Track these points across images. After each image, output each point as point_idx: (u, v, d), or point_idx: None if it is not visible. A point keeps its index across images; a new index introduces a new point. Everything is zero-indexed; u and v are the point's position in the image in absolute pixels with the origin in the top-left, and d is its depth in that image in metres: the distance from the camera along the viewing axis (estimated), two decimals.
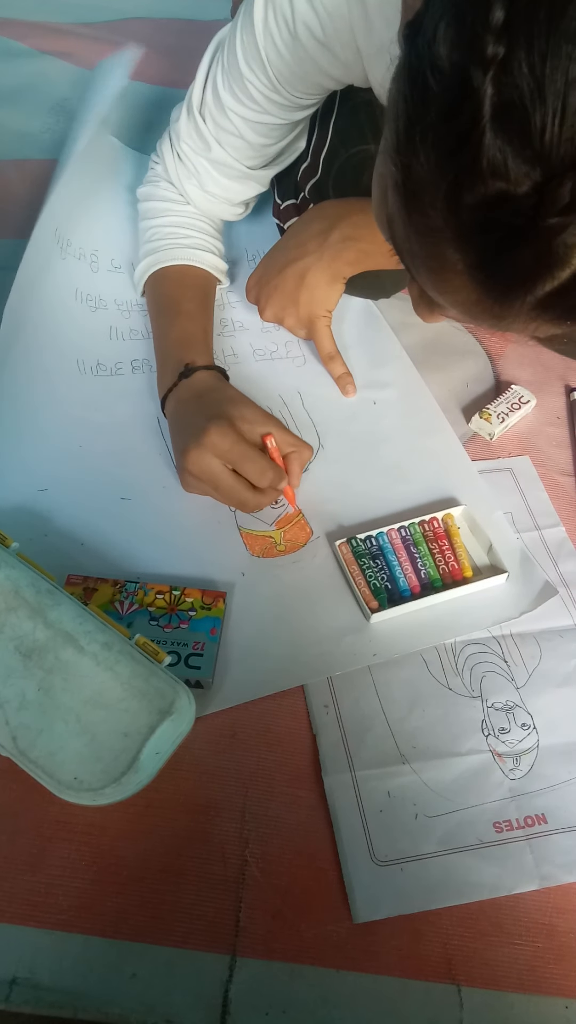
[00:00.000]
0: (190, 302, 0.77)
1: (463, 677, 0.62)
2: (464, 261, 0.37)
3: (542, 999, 0.49)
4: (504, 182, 0.33)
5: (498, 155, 0.32)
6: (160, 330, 0.77)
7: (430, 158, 0.35)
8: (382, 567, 0.67)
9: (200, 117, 0.70)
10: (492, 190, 0.33)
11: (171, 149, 0.76)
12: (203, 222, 0.80)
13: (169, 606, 0.62)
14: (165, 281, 0.78)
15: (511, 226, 0.33)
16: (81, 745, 0.51)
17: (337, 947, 0.50)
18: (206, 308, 0.79)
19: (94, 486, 0.71)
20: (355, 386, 0.80)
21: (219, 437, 0.63)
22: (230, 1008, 0.48)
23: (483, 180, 0.33)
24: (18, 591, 0.55)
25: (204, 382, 0.70)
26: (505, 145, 0.32)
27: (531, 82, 0.31)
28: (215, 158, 0.72)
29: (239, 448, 0.64)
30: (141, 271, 0.80)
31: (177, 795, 0.55)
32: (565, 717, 0.60)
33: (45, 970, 0.49)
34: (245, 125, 0.68)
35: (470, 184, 0.33)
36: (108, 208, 0.92)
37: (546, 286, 0.35)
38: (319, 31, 0.58)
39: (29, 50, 1.21)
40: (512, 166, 0.32)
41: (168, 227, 0.79)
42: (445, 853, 0.54)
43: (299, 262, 0.74)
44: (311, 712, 0.60)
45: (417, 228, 0.38)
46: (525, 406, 0.79)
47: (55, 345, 0.81)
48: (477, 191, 0.33)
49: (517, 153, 0.32)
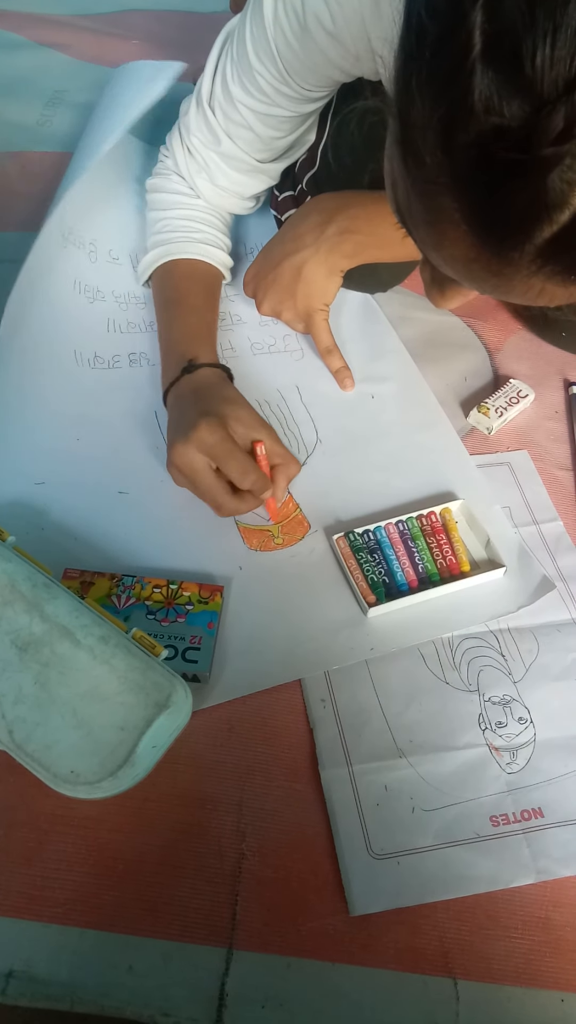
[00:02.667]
0: (197, 297, 0.77)
1: (460, 671, 0.62)
2: (460, 209, 0.35)
3: (538, 992, 0.50)
4: (496, 116, 0.31)
5: (490, 87, 0.31)
6: (166, 323, 0.77)
7: (424, 99, 0.34)
8: (380, 561, 0.66)
9: (209, 110, 0.70)
10: (485, 125, 0.32)
11: (181, 143, 0.75)
12: (214, 216, 0.80)
13: (166, 600, 0.62)
14: (173, 274, 0.78)
15: (505, 164, 0.32)
16: (77, 738, 0.51)
17: (334, 940, 0.50)
18: (212, 304, 0.79)
19: (91, 480, 0.71)
20: (353, 380, 0.79)
21: (207, 433, 0.63)
22: (226, 1001, 0.48)
23: (475, 115, 0.32)
24: (14, 585, 0.55)
25: (206, 379, 0.70)
26: (497, 75, 0.31)
27: (522, 5, 0.30)
28: (225, 151, 0.72)
29: (225, 446, 0.63)
30: (148, 261, 0.80)
31: (174, 789, 0.55)
32: (562, 711, 0.60)
33: (42, 963, 0.49)
34: (254, 117, 0.68)
35: (463, 120, 0.32)
36: (108, 197, 0.91)
37: (544, 231, 0.33)
38: (329, 23, 0.58)
39: (27, 42, 1.21)
40: (504, 98, 0.31)
41: (180, 220, 0.78)
42: (442, 847, 0.54)
43: (296, 255, 0.74)
44: (308, 706, 0.60)
45: (415, 180, 0.37)
46: (523, 400, 0.79)
47: (53, 337, 0.81)
48: (470, 128, 0.32)
49: (508, 83, 0.31)
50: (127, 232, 0.90)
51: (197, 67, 1.11)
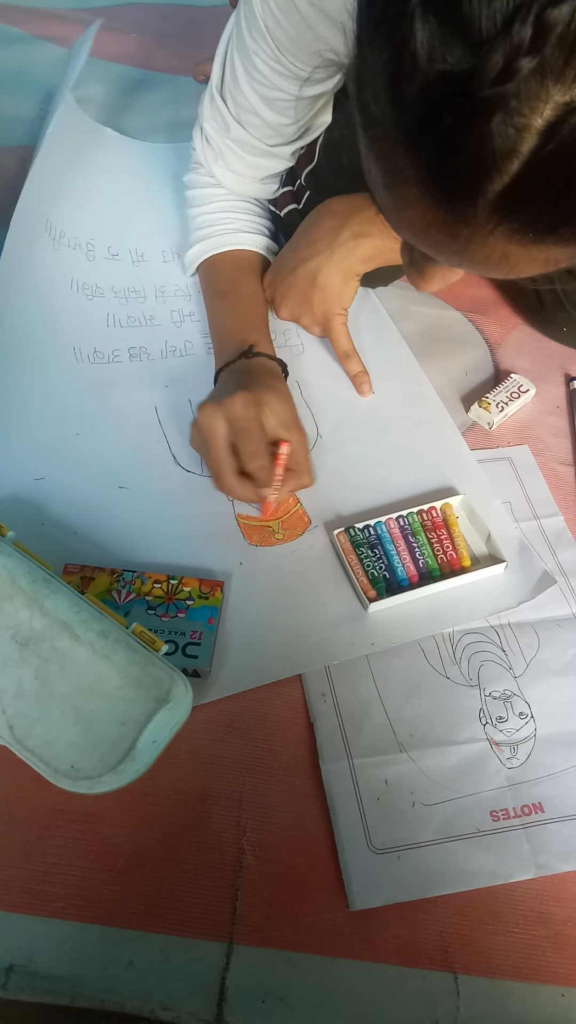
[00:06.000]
0: (248, 287, 0.78)
1: (461, 666, 0.62)
2: (414, 166, 0.34)
3: (539, 987, 0.50)
4: (439, 62, 0.30)
5: (432, 33, 0.30)
6: (219, 313, 0.78)
7: (374, 57, 0.33)
8: (380, 556, 0.66)
9: (220, 98, 0.71)
10: (429, 73, 0.31)
11: (201, 133, 0.76)
12: (249, 203, 0.81)
13: (167, 595, 0.62)
14: (220, 266, 0.80)
15: (452, 113, 0.31)
16: (78, 734, 0.50)
17: (334, 935, 0.50)
18: (261, 292, 0.80)
19: (91, 475, 0.71)
20: (371, 385, 0.79)
21: (240, 405, 0.63)
22: (227, 995, 0.48)
23: (418, 64, 0.31)
24: (14, 580, 0.55)
25: (264, 367, 0.71)
26: (437, 20, 0.30)
27: None
28: (236, 137, 0.72)
29: (249, 424, 0.64)
30: (193, 256, 0.81)
31: (174, 784, 0.55)
32: (563, 706, 0.60)
33: (42, 958, 0.49)
34: (260, 102, 0.68)
35: (408, 70, 0.31)
36: (101, 196, 0.92)
37: (495, 183, 0.32)
38: None
39: (25, 35, 1.20)
40: (445, 43, 0.30)
41: (216, 213, 0.79)
42: (442, 841, 0.54)
43: (310, 262, 0.74)
44: (308, 701, 0.60)
45: (371, 140, 0.36)
46: (524, 395, 0.78)
47: (49, 335, 0.80)
48: (415, 77, 0.31)
49: (448, 27, 0.30)
50: (125, 229, 0.90)
51: (197, 60, 1.11)
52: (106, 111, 1.07)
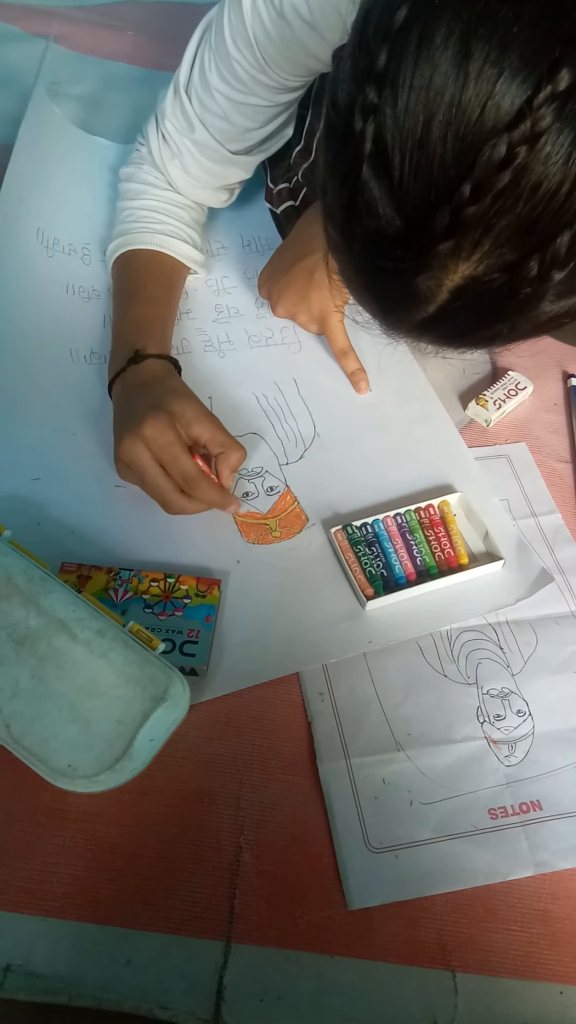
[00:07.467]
0: (153, 288, 0.75)
1: (458, 664, 0.62)
2: (362, 282, 0.42)
3: (537, 984, 0.50)
4: (377, 221, 0.37)
5: (372, 195, 0.36)
6: (118, 313, 0.75)
7: (333, 181, 0.39)
8: (378, 554, 0.66)
9: (186, 96, 0.69)
10: (370, 227, 0.37)
11: (156, 129, 0.74)
12: (181, 209, 0.78)
13: (164, 594, 0.62)
14: (132, 264, 0.77)
15: (391, 258, 0.38)
16: (75, 732, 0.50)
17: (332, 933, 0.50)
18: (169, 296, 0.77)
19: (88, 474, 0.70)
20: (368, 383, 0.78)
21: (154, 430, 0.62)
22: (225, 994, 0.48)
23: (361, 217, 0.37)
24: (10, 579, 0.55)
25: (152, 371, 0.68)
26: (378, 187, 0.36)
27: (395, 133, 0.34)
28: (198, 139, 0.71)
29: (170, 447, 0.62)
30: (111, 250, 0.79)
31: (172, 782, 0.55)
32: (560, 704, 0.60)
33: (40, 957, 0.49)
34: (231, 106, 0.67)
35: (355, 217, 0.38)
36: (93, 201, 0.91)
37: (417, 315, 0.40)
38: (306, 11, 0.57)
39: (22, 33, 1.20)
40: (382, 208, 0.36)
41: (142, 210, 0.77)
42: (440, 840, 0.54)
43: (307, 259, 0.73)
44: (306, 699, 0.59)
45: (334, 242, 0.42)
46: (522, 392, 0.78)
47: (46, 337, 0.80)
48: (360, 224, 0.38)
49: (385, 196, 0.36)
50: None
51: None
52: (104, 109, 1.07)
